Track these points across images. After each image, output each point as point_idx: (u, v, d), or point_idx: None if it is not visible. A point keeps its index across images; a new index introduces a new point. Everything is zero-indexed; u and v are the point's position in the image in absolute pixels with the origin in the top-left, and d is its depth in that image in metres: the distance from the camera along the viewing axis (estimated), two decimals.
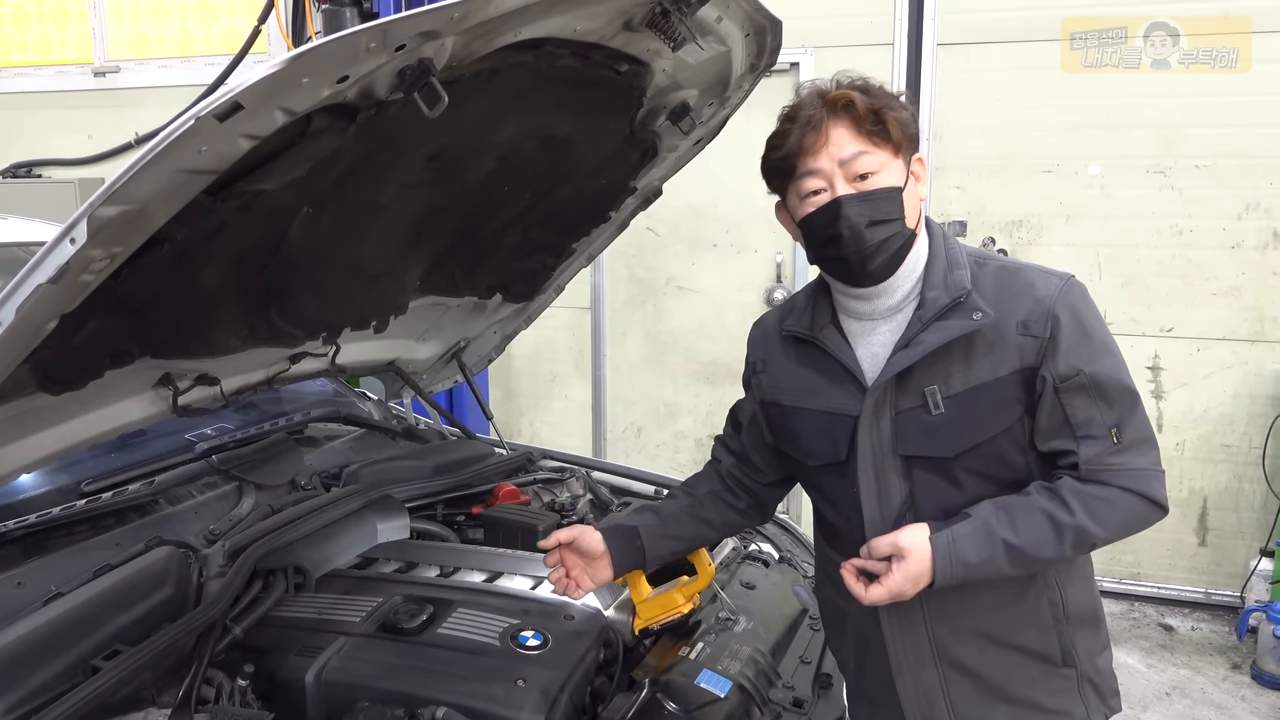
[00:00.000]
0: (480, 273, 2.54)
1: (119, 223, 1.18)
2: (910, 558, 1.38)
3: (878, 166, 1.41)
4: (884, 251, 1.42)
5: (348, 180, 1.61)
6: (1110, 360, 1.42)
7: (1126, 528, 1.42)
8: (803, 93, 1.46)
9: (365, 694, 1.55)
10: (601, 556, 1.67)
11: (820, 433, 1.53)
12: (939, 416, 1.42)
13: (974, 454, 1.43)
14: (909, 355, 1.43)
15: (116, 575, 1.69)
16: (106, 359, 1.65)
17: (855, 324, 1.52)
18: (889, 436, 1.46)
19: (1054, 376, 1.39)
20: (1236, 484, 4.32)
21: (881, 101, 1.42)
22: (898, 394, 1.45)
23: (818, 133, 1.41)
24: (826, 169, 1.41)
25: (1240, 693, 3.78)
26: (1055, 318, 1.40)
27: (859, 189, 1.41)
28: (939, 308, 1.43)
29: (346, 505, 2.05)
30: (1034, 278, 1.45)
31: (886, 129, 1.41)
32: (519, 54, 1.55)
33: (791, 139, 1.42)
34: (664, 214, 4.38)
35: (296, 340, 2.16)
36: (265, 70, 1.13)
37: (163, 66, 5.59)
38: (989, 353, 1.41)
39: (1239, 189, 4.12)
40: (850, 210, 1.40)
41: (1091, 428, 1.40)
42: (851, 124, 1.40)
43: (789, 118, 1.45)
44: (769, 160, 1.48)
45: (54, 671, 1.46)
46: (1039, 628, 1.49)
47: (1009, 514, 1.39)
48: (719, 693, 1.72)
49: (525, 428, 5.40)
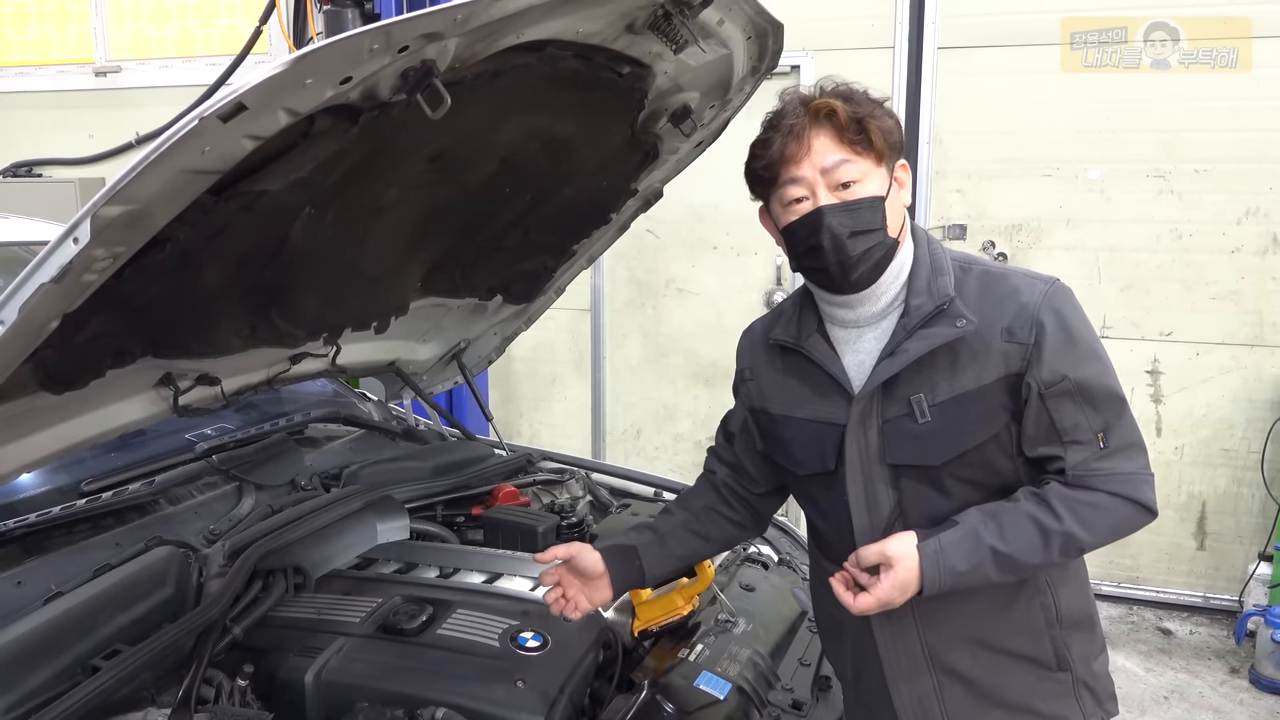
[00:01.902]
0: (481, 274, 2.54)
1: (122, 222, 1.18)
2: (898, 566, 1.38)
3: (860, 175, 1.40)
4: (866, 261, 1.41)
5: (350, 181, 1.62)
6: (1096, 365, 1.41)
7: (1115, 532, 1.41)
8: (785, 99, 1.45)
9: (365, 694, 1.55)
10: (600, 577, 1.63)
11: (809, 442, 1.53)
12: (925, 425, 1.42)
13: (961, 462, 1.42)
14: (893, 364, 1.42)
15: (116, 575, 1.69)
16: (108, 358, 1.65)
17: (841, 332, 1.51)
18: (876, 446, 1.45)
19: (1039, 383, 1.38)
20: (1235, 488, 4.32)
21: (864, 110, 1.40)
22: (884, 403, 1.45)
23: (800, 141, 1.40)
24: (809, 177, 1.40)
25: (1238, 697, 3.78)
26: (1040, 323, 1.39)
27: (841, 198, 1.40)
28: (923, 315, 1.42)
29: (346, 506, 2.05)
30: (1018, 283, 1.43)
31: (869, 137, 1.40)
32: (521, 56, 1.56)
33: (774, 147, 1.41)
34: (664, 216, 4.39)
35: (297, 341, 2.16)
36: (269, 71, 1.13)
37: (163, 66, 5.60)
38: (974, 360, 1.41)
39: (1239, 193, 4.13)
40: (832, 220, 1.39)
41: (1078, 433, 1.39)
42: (834, 132, 1.40)
43: (771, 125, 1.44)
44: (752, 168, 1.47)
45: (53, 671, 1.47)
46: (1031, 632, 1.49)
47: (996, 521, 1.38)
48: (718, 695, 1.72)
49: (525, 429, 5.40)
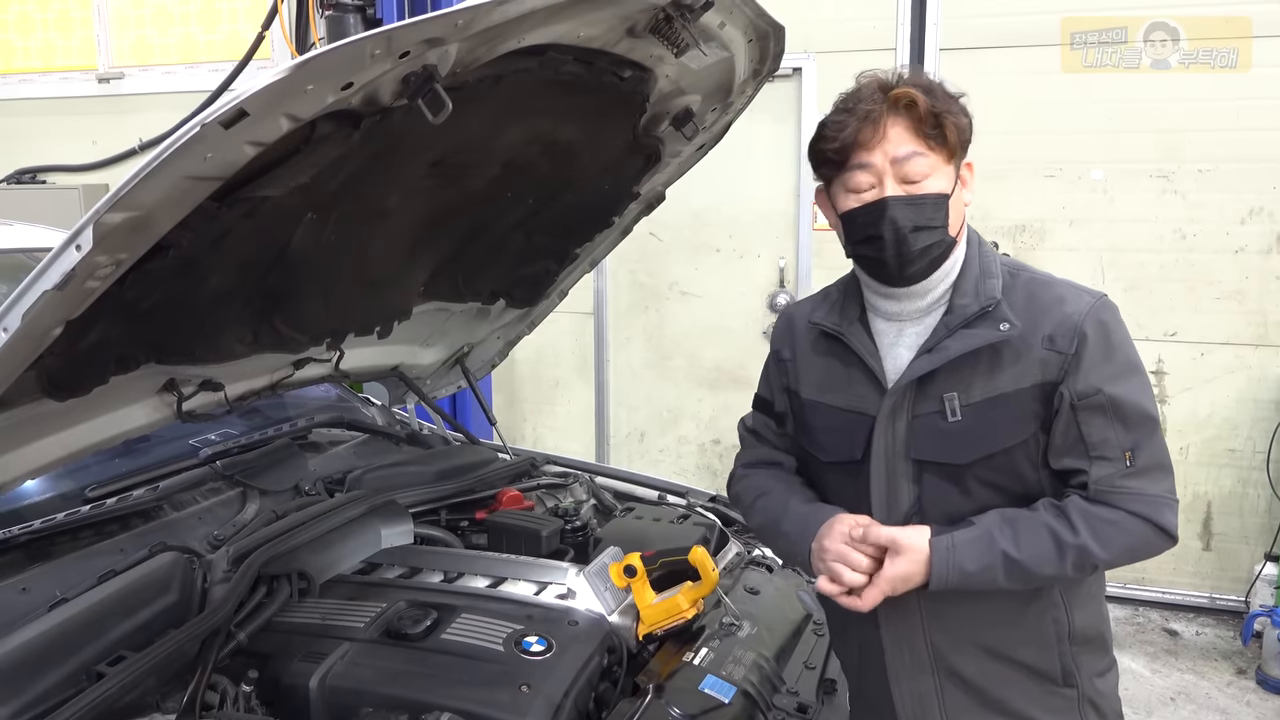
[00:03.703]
0: (484, 278, 2.54)
1: (125, 229, 1.18)
2: (904, 555, 1.37)
3: (929, 170, 1.39)
4: (924, 257, 1.41)
5: (352, 186, 1.62)
6: (1132, 383, 1.40)
7: (1131, 553, 1.40)
8: (862, 82, 1.43)
9: (369, 700, 1.55)
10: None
11: (837, 430, 1.52)
12: (955, 424, 1.41)
13: (987, 464, 1.42)
14: (932, 360, 1.42)
15: (121, 581, 1.69)
16: (111, 365, 1.65)
17: (883, 323, 1.51)
18: (903, 440, 1.45)
19: (1073, 393, 1.37)
20: (1241, 488, 4.31)
21: (943, 105, 1.40)
22: (917, 398, 1.44)
23: (875, 128, 1.38)
24: (879, 165, 1.38)
25: (1245, 698, 3.76)
26: (1083, 334, 1.39)
27: (908, 191, 1.39)
28: (967, 315, 1.42)
29: (350, 511, 2.04)
30: (1065, 292, 1.44)
31: (944, 133, 1.39)
32: (523, 60, 1.56)
33: (848, 130, 1.39)
34: (667, 219, 4.38)
35: (300, 346, 2.16)
36: (270, 77, 1.13)
37: (166, 72, 5.60)
38: (1012, 364, 1.40)
39: (1242, 193, 4.12)
40: (896, 212, 1.38)
41: (1106, 449, 1.38)
42: (911, 124, 1.38)
43: (846, 108, 1.41)
44: (820, 148, 1.44)
45: (59, 677, 1.47)
46: (1040, 645, 1.48)
47: (1012, 527, 1.38)
48: (723, 698, 1.72)
49: (528, 433, 5.40)
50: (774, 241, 4.82)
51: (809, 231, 4.70)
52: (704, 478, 5.06)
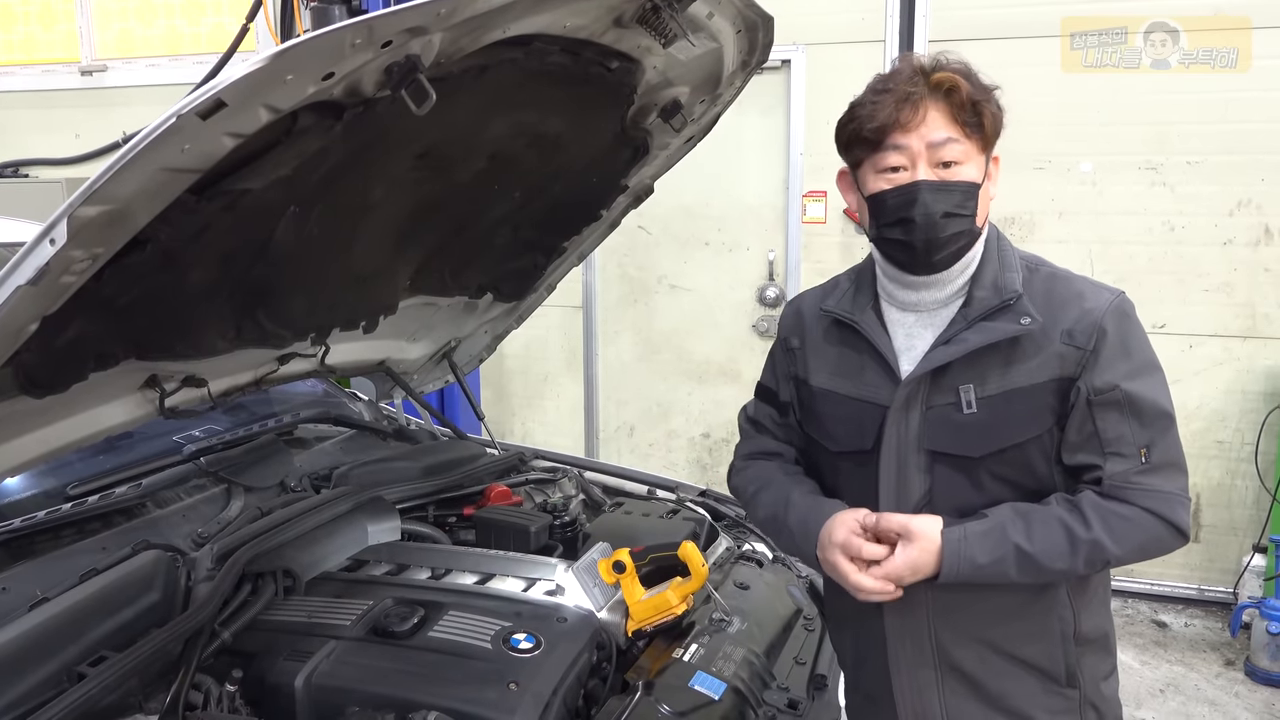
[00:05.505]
0: (471, 272, 2.52)
1: (100, 223, 1.16)
2: (916, 544, 1.37)
3: (963, 157, 1.38)
4: (952, 244, 1.40)
5: (335, 179, 1.60)
6: (1149, 380, 1.41)
7: (1143, 550, 1.41)
8: (901, 64, 1.42)
9: (355, 698, 1.53)
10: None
11: (848, 419, 1.51)
12: (970, 416, 1.41)
13: (1000, 458, 1.41)
14: (949, 352, 1.41)
15: (103, 580, 1.67)
16: (90, 361, 1.63)
17: (897, 314, 1.50)
18: (916, 430, 1.44)
19: (1090, 389, 1.37)
20: (1229, 480, 4.33)
21: (981, 94, 1.39)
22: (931, 389, 1.43)
23: (915, 110, 1.36)
24: (914, 148, 1.37)
25: (1234, 689, 3.78)
26: (1102, 330, 1.38)
27: (940, 176, 1.37)
28: (986, 308, 1.41)
29: (336, 507, 2.03)
30: (1084, 288, 1.43)
31: (981, 121, 1.38)
32: (508, 50, 1.54)
33: (885, 111, 1.37)
34: (655, 212, 4.38)
35: (284, 341, 2.14)
36: (248, 67, 1.11)
37: (150, 65, 5.56)
38: (1030, 358, 1.40)
39: (1230, 185, 4.13)
40: (928, 196, 1.37)
41: (1121, 445, 1.38)
42: (949, 109, 1.37)
43: (882, 89, 1.39)
44: (853, 129, 1.41)
45: (39, 678, 1.44)
46: (1045, 643, 1.47)
47: (1025, 520, 1.37)
48: (713, 695, 1.71)
49: (517, 428, 5.38)
50: (763, 235, 4.81)
51: (798, 225, 4.70)
52: (694, 472, 5.06)
